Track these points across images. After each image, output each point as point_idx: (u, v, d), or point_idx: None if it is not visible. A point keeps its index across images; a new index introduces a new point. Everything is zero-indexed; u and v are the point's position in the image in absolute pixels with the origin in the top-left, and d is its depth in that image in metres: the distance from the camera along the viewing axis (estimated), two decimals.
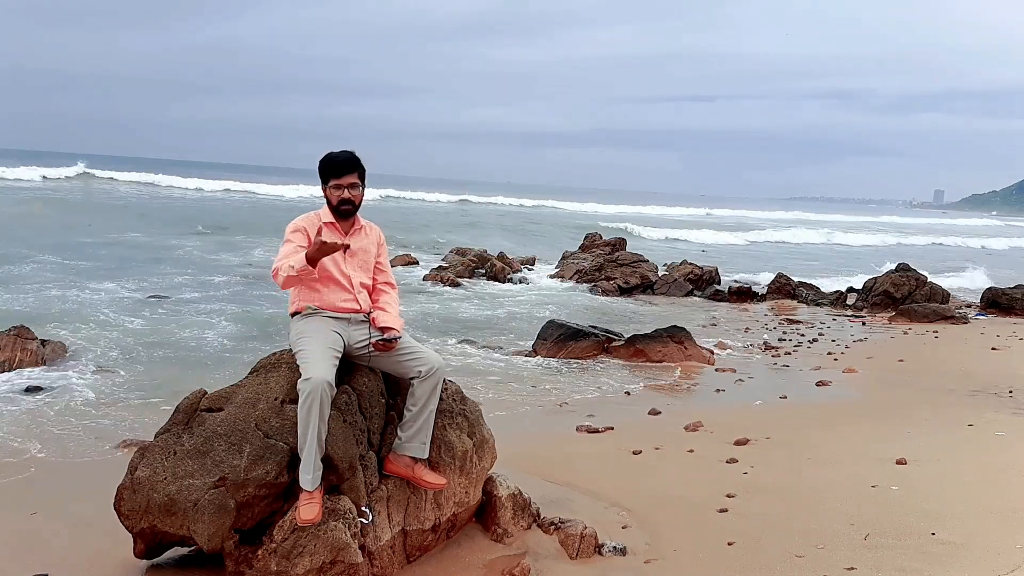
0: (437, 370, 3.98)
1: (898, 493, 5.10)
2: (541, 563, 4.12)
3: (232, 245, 21.00)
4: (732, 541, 4.40)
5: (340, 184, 4.03)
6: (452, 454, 4.18)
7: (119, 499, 3.85)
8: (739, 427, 6.62)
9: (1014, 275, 22.71)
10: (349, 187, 4.04)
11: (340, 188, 4.03)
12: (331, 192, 4.05)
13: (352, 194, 4.06)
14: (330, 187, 4.04)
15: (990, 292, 16.13)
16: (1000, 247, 45.83)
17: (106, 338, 9.49)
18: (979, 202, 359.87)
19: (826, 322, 14.01)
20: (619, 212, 57.74)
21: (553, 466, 5.65)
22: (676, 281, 17.84)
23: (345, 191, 4.04)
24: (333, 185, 4.03)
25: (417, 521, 4.06)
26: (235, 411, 3.86)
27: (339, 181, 4.03)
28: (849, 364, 9.79)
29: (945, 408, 7.53)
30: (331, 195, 4.05)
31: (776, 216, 69.46)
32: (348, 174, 4.04)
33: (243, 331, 10.47)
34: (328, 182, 4.04)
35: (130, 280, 13.98)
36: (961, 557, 4.13)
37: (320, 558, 3.59)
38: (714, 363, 9.89)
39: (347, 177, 4.04)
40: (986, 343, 11.57)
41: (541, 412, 7.51)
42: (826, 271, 23.41)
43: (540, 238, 29.57)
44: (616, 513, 4.85)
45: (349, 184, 4.04)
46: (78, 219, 23.81)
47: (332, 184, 4.03)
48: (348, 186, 4.04)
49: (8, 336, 8.25)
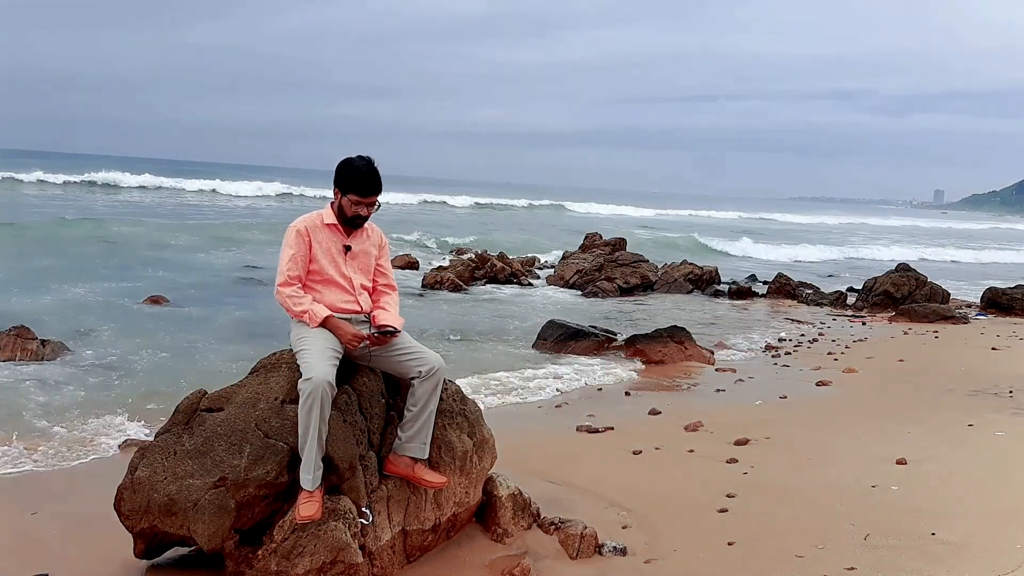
0: (437, 370, 3.98)
1: (898, 493, 5.10)
2: (541, 563, 4.12)
3: (232, 245, 20.99)
4: (732, 541, 4.40)
5: (361, 202, 4.01)
6: (452, 454, 4.18)
7: (119, 499, 3.85)
8: (739, 427, 6.62)
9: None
10: (368, 206, 4.04)
11: (360, 205, 4.01)
12: (348, 204, 4.00)
13: (369, 212, 4.05)
14: (348, 199, 3.99)
15: (990, 292, 16.12)
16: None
17: (106, 338, 9.49)
18: (979, 202, 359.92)
19: (826, 322, 14.01)
20: (643, 216, 56.52)
21: (553, 466, 5.65)
22: (676, 281, 17.84)
23: (364, 208, 4.03)
24: (353, 200, 3.99)
25: (417, 521, 4.06)
26: (235, 411, 3.86)
27: (361, 200, 4.00)
28: (849, 364, 9.78)
29: (945, 408, 7.53)
30: (347, 207, 4.01)
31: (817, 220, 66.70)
32: (372, 195, 4.02)
33: (243, 331, 10.47)
34: (347, 193, 3.99)
35: (130, 280, 13.98)
36: (961, 557, 4.13)
37: (320, 558, 3.59)
38: (714, 363, 9.89)
39: (370, 198, 4.03)
40: (986, 343, 11.57)
41: (541, 412, 7.51)
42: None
43: (541, 238, 29.55)
44: (616, 513, 4.85)
45: (369, 203, 4.04)
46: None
47: (352, 199, 3.99)
48: (368, 205, 4.03)
49: (8, 336, 8.26)
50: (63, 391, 7.34)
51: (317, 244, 4.01)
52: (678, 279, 17.91)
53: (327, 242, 4.04)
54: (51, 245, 17.75)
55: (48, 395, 7.21)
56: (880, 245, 39.56)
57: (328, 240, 4.05)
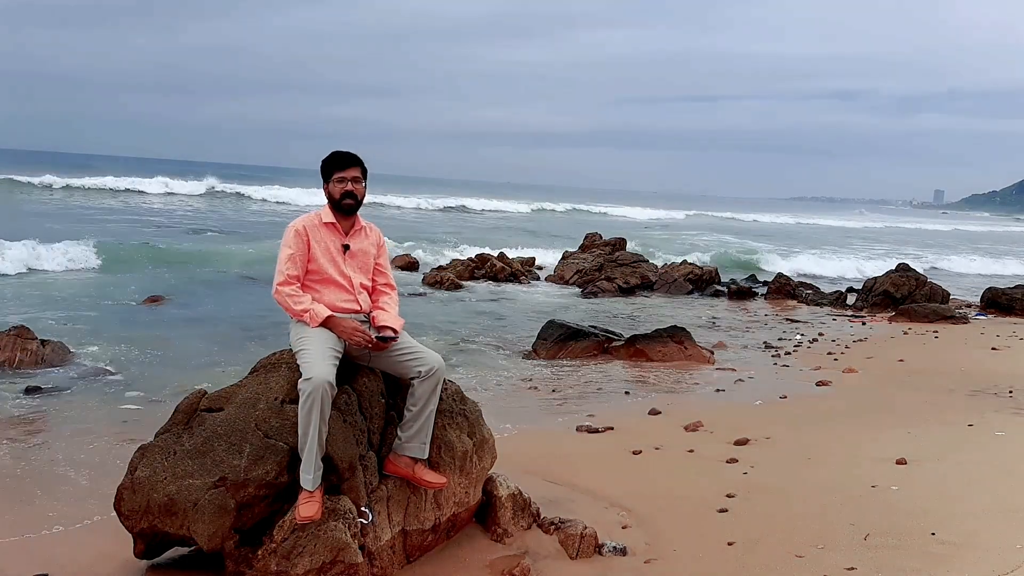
0: (437, 370, 3.98)
1: (898, 493, 5.10)
2: (541, 563, 4.12)
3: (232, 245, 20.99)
4: (732, 541, 4.40)
5: (344, 177, 4.04)
6: (452, 454, 4.18)
7: (119, 499, 3.85)
8: (739, 427, 6.62)
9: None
10: (352, 180, 4.04)
11: (344, 181, 4.03)
12: (334, 186, 4.04)
13: (355, 187, 4.05)
14: (333, 181, 4.04)
15: (990, 292, 16.12)
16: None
17: (106, 338, 9.49)
18: (979, 202, 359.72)
19: (826, 322, 14.01)
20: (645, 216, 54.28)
21: (553, 466, 5.65)
22: (676, 281, 17.84)
23: (348, 184, 4.03)
24: (337, 179, 4.03)
25: (417, 521, 4.06)
26: (235, 411, 3.86)
27: (343, 174, 4.04)
28: (849, 364, 9.78)
29: (945, 408, 7.53)
30: (334, 189, 4.04)
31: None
32: (352, 167, 4.06)
33: (243, 331, 10.47)
34: (331, 176, 4.04)
35: (129, 279, 13.97)
36: (961, 557, 4.13)
37: (320, 558, 3.59)
38: (714, 363, 9.89)
39: (350, 170, 4.05)
40: (986, 343, 11.57)
41: (541, 412, 7.50)
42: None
43: (541, 238, 29.55)
44: (616, 513, 4.85)
45: (352, 177, 4.05)
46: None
47: (336, 177, 4.03)
48: (351, 179, 4.04)
49: (8, 336, 8.25)
50: (63, 391, 7.34)
51: (316, 243, 4.02)
52: (678, 279, 17.91)
53: (326, 241, 4.04)
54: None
55: (48, 395, 7.21)
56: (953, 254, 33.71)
57: (327, 239, 4.05)
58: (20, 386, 7.38)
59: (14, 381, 7.57)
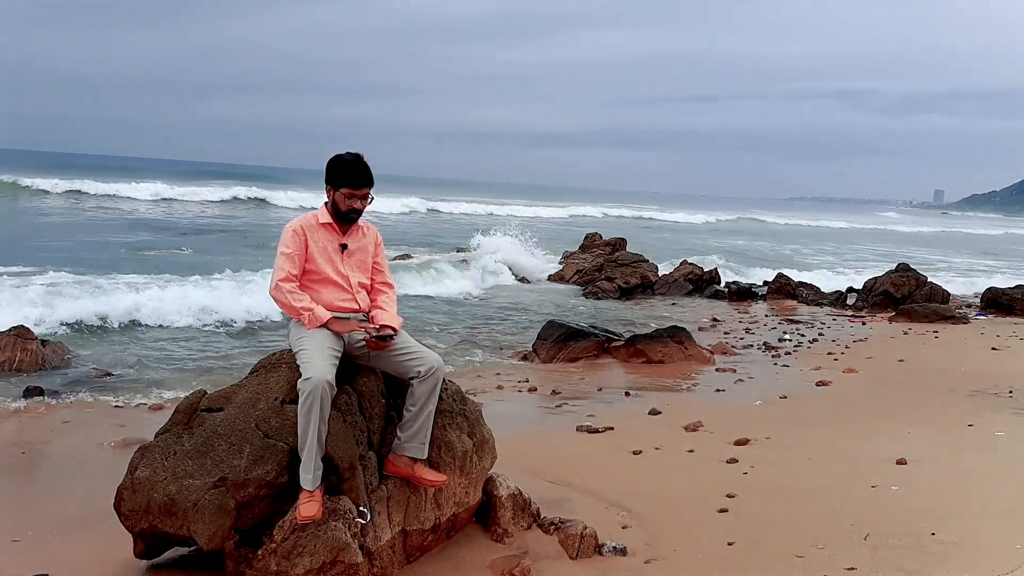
0: (436, 370, 3.98)
1: (898, 493, 5.10)
2: (541, 563, 4.12)
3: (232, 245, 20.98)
4: (732, 541, 4.40)
5: (354, 195, 4.02)
6: (452, 454, 4.18)
7: (119, 499, 3.85)
8: (739, 427, 6.62)
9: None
10: (362, 199, 4.04)
11: (353, 198, 4.02)
12: (341, 199, 4.02)
13: (363, 205, 4.06)
14: (342, 194, 4.01)
15: (990, 292, 16.12)
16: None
17: (105, 338, 9.49)
18: (979, 202, 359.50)
19: (826, 322, 14.00)
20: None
21: (553, 466, 5.65)
22: (676, 281, 17.84)
23: (357, 201, 4.03)
24: (346, 194, 4.01)
25: (417, 521, 4.06)
26: (235, 411, 3.86)
27: (354, 192, 4.01)
28: (849, 364, 9.78)
29: (945, 408, 7.53)
30: (340, 201, 4.02)
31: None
32: (365, 187, 4.04)
33: (243, 331, 10.47)
34: (339, 188, 4.01)
35: (129, 279, 13.96)
36: (961, 557, 4.13)
37: (320, 558, 3.59)
38: (714, 363, 9.89)
39: (363, 190, 4.04)
40: (986, 343, 11.56)
41: (541, 412, 7.51)
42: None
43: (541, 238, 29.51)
44: (616, 513, 4.85)
45: (362, 196, 4.04)
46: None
47: (345, 192, 4.01)
48: (361, 197, 4.04)
49: (8, 336, 8.25)
50: (63, 391, 7.34)
51: (313, 243, 4.02)
52: (678, 279, 17.91)
53: (323, 241, 4.05)
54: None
55: (48, 395, 7.21)
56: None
57: (324, 239, 4.05)
58: (20, 387, 7.38)
59: (14, 382, 7.57)
